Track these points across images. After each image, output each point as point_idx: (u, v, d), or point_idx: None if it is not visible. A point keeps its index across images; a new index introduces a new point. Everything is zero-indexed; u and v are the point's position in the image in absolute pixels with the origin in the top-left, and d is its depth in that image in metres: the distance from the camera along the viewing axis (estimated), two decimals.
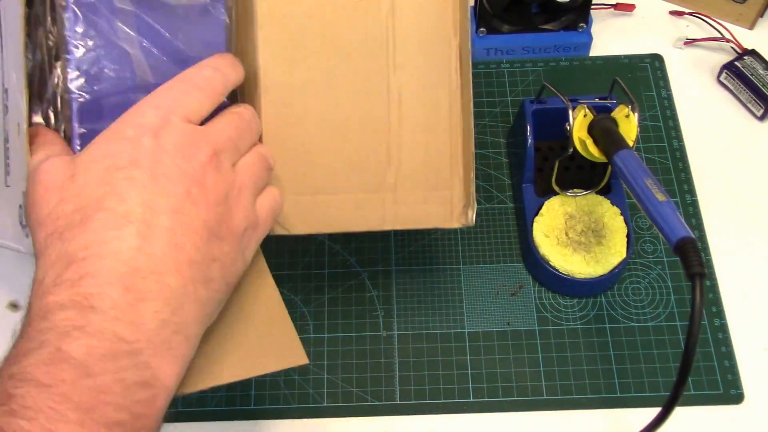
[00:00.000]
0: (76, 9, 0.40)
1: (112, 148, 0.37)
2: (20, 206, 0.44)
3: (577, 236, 0.57)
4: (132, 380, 0.33)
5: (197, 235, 0.37)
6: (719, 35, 0.69)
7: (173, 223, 0.36)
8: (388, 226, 0.47)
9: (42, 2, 0.41)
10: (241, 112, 0.43)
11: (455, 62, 0.47)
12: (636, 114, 0.53)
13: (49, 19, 0.41)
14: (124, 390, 0.32)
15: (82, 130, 0.41)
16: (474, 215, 0.48)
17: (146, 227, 0.35)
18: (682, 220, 0.45)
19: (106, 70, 0.41)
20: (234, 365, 0.42)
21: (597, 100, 0.57)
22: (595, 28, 0.69)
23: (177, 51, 0.43)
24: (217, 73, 0.41)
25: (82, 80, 0.41)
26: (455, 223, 0.48)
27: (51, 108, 0.42)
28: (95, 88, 0.41)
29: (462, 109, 0.47)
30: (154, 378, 0.34)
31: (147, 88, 0.41)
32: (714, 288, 0.58)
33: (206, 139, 0.39)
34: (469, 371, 0.55)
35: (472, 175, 0.48)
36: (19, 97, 0.42)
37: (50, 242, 0.35)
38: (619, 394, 0.54)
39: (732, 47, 0.69)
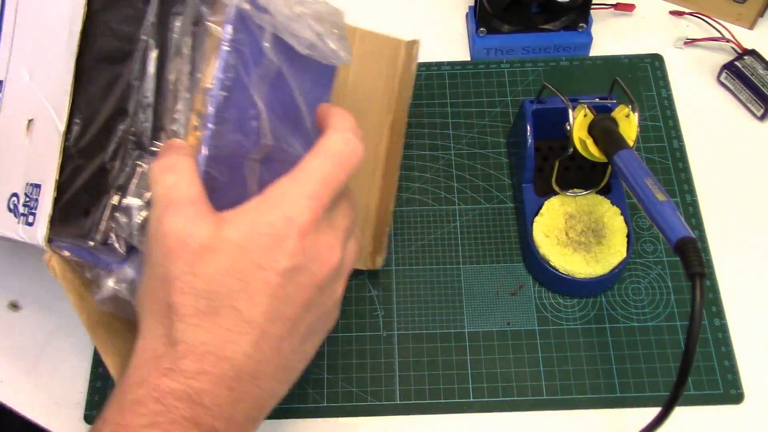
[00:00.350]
0: (227, 53, 0.39)
1: (258, 241, 0.36)
2: (13, 194, 0.44)
3: (577, 236, 0.57)
4: None
5: (299, 339, 0.38)
6: (719, 35, 0.69)
7: (285, 331, 0.37)
8: None
9: (186, 32, 0.41)
10: (354, 194, 0.42)
11: (386, 134, 0.54)
12: (636, 114, 0.53)
13: (189, 50, 0.40)
14: None
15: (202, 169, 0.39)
16: (383, 261, 0.57)
17: (261, 336, 0.36)
18: (682, 220, 0.45)
19: (232, 121, 0.40)
20: None
21: (597, 100, 0.57)
22: (595, 28, 0.69)
23: (295, 109, 0.42)
24: (360, 145, 0.39)
25: (212, 126, 0.39)
26: (361, 266, 0.57)
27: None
28: (219, 139, 0.40)
29: (384, 173, 0.54)
30: None
31: (265, 149, 0.41)
32: (714, 288, 0.58)
33: (339, 240, 0.38)
34: (469, 371, 0.55)
35: (387, 228, 0.57)
36: (39, 94, 0.43)
37: (172, 316, 0.35)
38: (619, 394, 0.54)
39: (732, 47, 0.69)
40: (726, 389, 0.54)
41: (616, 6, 0.72)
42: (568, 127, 0.54)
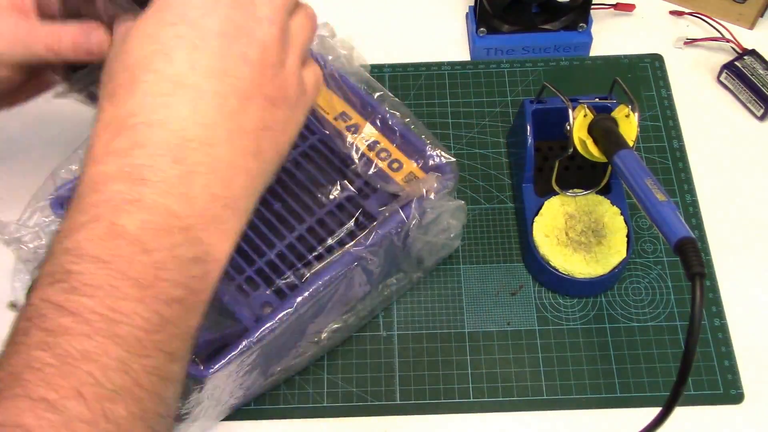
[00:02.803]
0: None
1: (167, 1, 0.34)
2: None
3: (577, 236, 0.57)
4: (186, 256, 0.32)
5: (249, 101, 0.34)
6: (719, 35, 0.69)
7: (225, 87, 0.33)
8: None
9: None
10: (314, 14, 0.40)
11: None
12: (636, 114, 0.53)
13: None
14: (179, 266, 0.32)
15: None
16: None
17: (196, 93, 0.33)
18: (682, 220, 0.45)
19: None
20: None
21: (597, 100, 0.57)
22: (595, 28, 0.69)
23: None
24: None
25: None
26: None
27: None
28: None
29: None
30: (206, 253, 0.33)
31: None
32: (714, 288, 0.58)
33: (291, 46, 0.36)
34: (469, 371, 0.55)
35: None
36: None
37: (103, 104, 0.33)
38: (619, 394, 0.54)
39: (732, 47, 0.69)
40: (726, 389, 0.54)
41: (616, 6, 0.72)
42: (568, 127, 0.54)
